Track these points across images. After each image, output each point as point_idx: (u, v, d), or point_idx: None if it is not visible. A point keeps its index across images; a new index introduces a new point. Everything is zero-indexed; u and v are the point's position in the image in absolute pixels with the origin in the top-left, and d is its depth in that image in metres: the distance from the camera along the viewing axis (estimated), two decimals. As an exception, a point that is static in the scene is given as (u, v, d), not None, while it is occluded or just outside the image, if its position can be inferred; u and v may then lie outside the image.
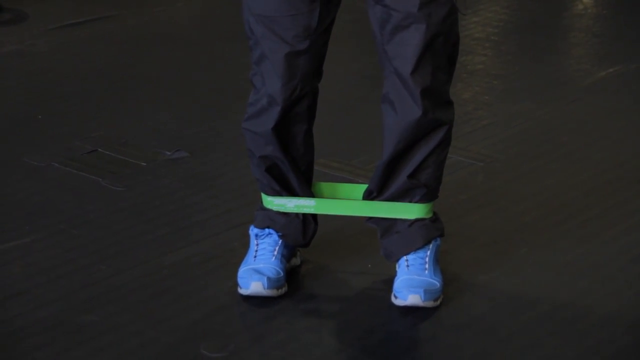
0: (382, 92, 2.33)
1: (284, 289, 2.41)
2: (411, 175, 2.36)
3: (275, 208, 2.43)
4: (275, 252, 2.43)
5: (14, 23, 4.35)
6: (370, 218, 2.45)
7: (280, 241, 2.45)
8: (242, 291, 2.39)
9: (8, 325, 2.28)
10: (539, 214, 2.86)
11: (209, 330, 2.29)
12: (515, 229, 2.78)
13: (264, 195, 2.45)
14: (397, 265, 2.45)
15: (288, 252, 2.47)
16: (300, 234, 2.47)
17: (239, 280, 2.40)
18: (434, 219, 2.45)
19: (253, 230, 2.48)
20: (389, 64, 2.29)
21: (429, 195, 2.40)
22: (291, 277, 2.49)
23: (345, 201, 2.45)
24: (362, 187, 2.47)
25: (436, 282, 2.40)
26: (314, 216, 2.49)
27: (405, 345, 2.27)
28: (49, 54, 4.02)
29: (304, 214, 2.45)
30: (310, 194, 2.45)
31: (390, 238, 2.43)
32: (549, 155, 3.24)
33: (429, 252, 2.43)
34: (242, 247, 2.62)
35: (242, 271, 2.41)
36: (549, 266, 2.60)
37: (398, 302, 2.37)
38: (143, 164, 3.09)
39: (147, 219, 2.76)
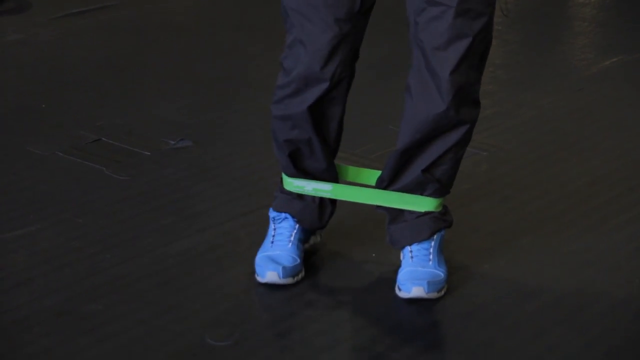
0: (407, 80, 2.30)
1: (301, 275, 2.42)
2: (426, 170, 2.35)
3: (294, 190, 2.44)
4: (292, 238, 2.44)
5: (18, 12, 4.34)
6: (380, 205, 2.45)
7: (297, 226, 2.45)
8: (259, 279, 2.40)
9: (13, 313, 2.29)
10: (544, 203, 2.86)
11: (214, 319, 2.29)
12: (519, 218, 2.78)
13: (284, 176, 2.45)
14: (401, 255, 2.45)
15: (305, 235, 2.48)
16: (316, 218, 2.47)
17: (256, 268, 2.41)
18: (444, 212, 2.44)
19: (271, 213, 2.49)
20: (422, 55, 2.26)
21: (441, 190, 2.39)
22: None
23: (360, 188, 2.44)
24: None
25: (440, 273, 2.40)
26: (332, 200, 2.49)
27: (409, 334, 2.27)
28: (52, 43, 4.02)
29: (321, 198, 2.46)
30: (336, 176, 2.45)
31: (397, 226, 2.43)
32: (553, 145, 3.24)
33: (433, 243, 2.43)
34: (247, 236, 2.63)
35: (259, 258, 2.42)
36: (554, 255, 2.60)
37: (402, 294, 2.37)
38: (147, 153, 3.09)
39: (152, 208, 2.76)
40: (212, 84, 3.65)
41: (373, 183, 2.48)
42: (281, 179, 2.48)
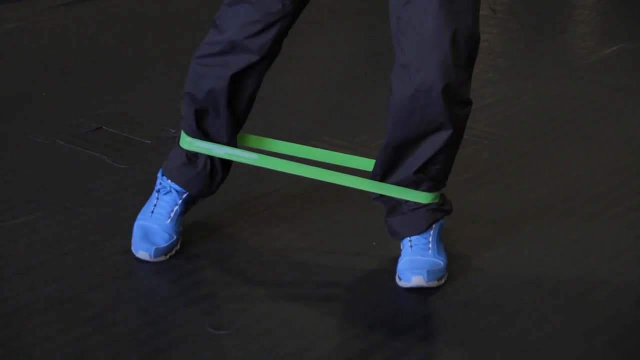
0: (391, 83, 2.26)
1: (176, 249, 2.46)
2: (418, 171, 2.32)
3: (193, 149, 2.42)
4: (172, 214, 2.47)
5: (18, 0, 4.33)
6: (379, 197, 2.44)
7: (179, 200, 2.47)
8: (133, 250, 2.44)
9: (14, 302, 2.29)
10: (544, 191, 2.86)
11: (215, 308, 2.29)
12: (520, 206, 2.78)
13: (183, 134, 2.44)
14: (401, 245, 2.45)
15: (188, 205, 2.50)
16: (206, 185, 2.48)
17: (133, 238, 2.45)
18: (441, 202, 2.43)
19: (159, 178, 2.50)
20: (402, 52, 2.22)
21: (436, 186, 2.38)
22: (296, 255, 2.49)
23: (291, 163, 2.44)
24: (286, 145, 2.49)
25: (440, 261, 2.40)
26: (225, 166, 2.49)
27: (410, 323, 2.27)
28: (52, 31, 4.01)
29: (212, 167, 2.46)
30: (234, 141, 2.44)
31: (395, 218, 2.43)
32: (554, 133, 3.24)
33: (432, 232, 2.42)
34: (247, 225, 2.62)
35: (136, 226, 2.46)
36: (555, 243, 2.60)
37: (402, 283, 2.37)
38: (148, 141, 3.09)
39: (152, 196, 2.76)
40: (212, 72, 3.65)
41: (279, 150, 2.48)
42: (179, 137, 2.46)
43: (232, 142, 2.43)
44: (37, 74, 3.59)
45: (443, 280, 2.39)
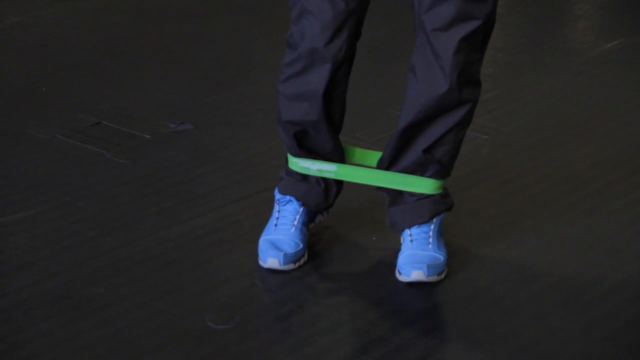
0: (412, 60, 2.29)
1: (303, 260, 2.43)
2: (427, 150, 2.34)
3: (299, 170, 2.43)
4: (296, 222, 2.44)
5: (17, -5, 4.33)
6: (381, 187, 2.45)
7: (301, 209, 2.45)
8: (261, 264, 2.41)
9: (14, 296, 2.29)
10: (544, 186, 2.86)
11: (215, 302, 2.30)
12: (520, 201, 2.78)
13: (289, 156, 2.44)
14: (401, 238, 2.45)
15: (310, 217, 2.48)
16: (321, 199, 2.47)
17: (259, 252, 2.42)
18: (444, 194, 2.44)
19: (276, 195, 2.49)
20: (425, 36, 2.26)
21: (442, 172, 2.39)
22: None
23: (363, 169, 2.44)
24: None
25: (440, 256, 2.40)
26: (338, 180, 2.48)
27: (410, 318, 2.28)
28: (53, 26, 4.01)
29: (325, 182, 2.46)
30: (343, 156, 2.44)
31: (397, 208, 2.43)
32: (554, 128, 3.24)
33: (432, 226, 2.42)
34: (247, 220, 2.63)
35: (262, 241, 2.43)
36: (555, 238, 2.60)
37: (402, 278, 2.37)
38: (148, 136, 3.09)
39: (152, 191, 2.76)
40: (212, 67, 3.65)
41: (367, 163, 2.48)
42: (286, 158, 2.47)
43: (338, 152, 2.42)
44: (37, 69, 3.59)
45: (443, 275, 2.40)
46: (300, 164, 2.43)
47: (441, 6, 2.21)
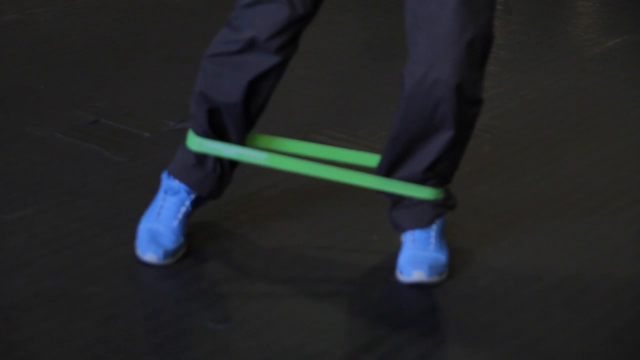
0: (402, 72, 2.23)
1: (182, 252, 2.42)
2: (427, 170, 2.31)
3: (203, 150, 2.38)
4: (179, 215, 2.43)
5: (16, -8, 4.32)
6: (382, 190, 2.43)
7: (187, 201, 2.43)
8: (138, 253, 2.39)
9: (13, 295, 2.28)
10: (546, 184, 2.85)
11: (214, 302, 2.28)
12: (522, 200, 2.77)
13: (191, 135, 2.39)
14: (402, 238, 2.44)
15: (194, 208, 2.46)
16: (215, 189, 2.44)
17: (138, 240, 2.39)
18: (447, 196, 2.41)
19: (166, 179, 2.45)
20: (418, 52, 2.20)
21: (443, 182, 2.36)
22: (296, 249, 2.48)
23: (305, 162, 2.39)
24: (296, 144, 2.46)
25: (441, 257, 2.39)
26: (231, 169, 2.45)
27: (411, 317, 2.27)
28: (50, 23, 4.00)
29: (222, 169, 2.42)
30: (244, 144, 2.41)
31: (399, 211, 2.42)
32: (557, 126, 3.23)
33: (434, 227, 2.41)
34: (247, 219, 2.62)
35: (142, 228, 2.41)
36: (556, 237, 2.59)
37: (403, 278, 2.36)
38: (146, 134, 3.08)
39: (151, 189, 2.75)
40: (212, 64, 3.64)
41: (284, 149, 2.45)
42: (186, 137, 2.42)
43: (242, 142, 2.40)
44: (35, 67, 3.58)
45: (444, 276, 2.38)
46: (206, 144, 2.36)
47: (440, 12, 2.15)
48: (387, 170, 2.35)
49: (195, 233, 2.54)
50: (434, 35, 2.16)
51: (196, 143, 2.37)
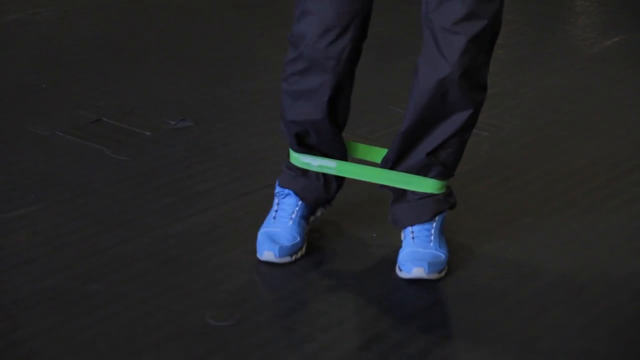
0: (416, 61, 2.27)
1: (301, 253, 2.43)
2: (431, 153, 2.33)
3: (300, 165, 2.43)
4: (294, 216, 2.44)
5: (17, -8, 4.33)
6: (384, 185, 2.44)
7: (299, 203, 2.45)
8: (258, 256, 2.41)
9: (14, 293, 2.29)
10: (545, 183, 2.86)
11: (215, 299, 2.29)
12: (520, 198, 2.78)
13: (290, 151, 2.44)
14: (402, 235, 2.45)
15: (309, 211, 2.48)
16: (321, 194, 2.46)
17: (257, 245, 2.43)
18: (447, 193, 2.43)
19: (276, 188, 2.50)
20: (432, 36, 2.23)
21: (445, 173, 2.38)
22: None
23: (364, 166, 2.43)
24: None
25: (441, 254, 2.40)
26: (339, 177, 2.48)
27: (410, 314, 2.27)
28: (52, 23, 4.01)
29: (325, 176, 2.45)
30: (345, 153, 2.44)
31: (400, 206, 2.43)
32: (555, 125, 3.23)
33: (434, 224, 2.42)
34: (247, 216, 2.62)
35: (260, 234, 2.43)
36: (555, 235, 2.60)
37: (402, 274, 2.37)
38: (148, 133, 3.08)
39: (152, 188, 2.76)
40: (212, 64, 3.65)
41: (368, 159, 2.48)
42: (288, 153, 2.47)
43: (340, 152, 2.42)
44: (36, 66, 3.58)
45: (443, 273, 2.39)
46: (301, 160, 2.42)
47: (449, 3, 2.20)
48: (393, 161, 2.37)
49: (195, 232, 2.55)
50: (445, 24, 2.20)
51: (294, 159, 2.43)
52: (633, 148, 3.08)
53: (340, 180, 2.49)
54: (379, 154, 2.49)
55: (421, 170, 2.37)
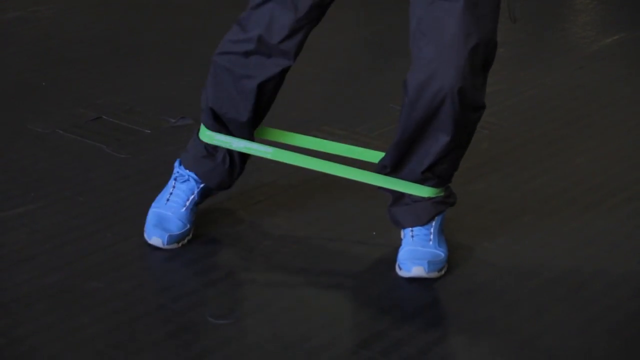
0: (406, 77, 2.24)
1: (188, 239, 2.45)
2: (425, 171, 2.32)
3: (214, 143, 2.42)
4: (188, 203, 2.46)
5: (17, -11, 4.32)
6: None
7: (196, 190, 2.47)
8: (146, 237, 2.44)
9: (15, 291, 2.29)
10: (544, 181, 2.86)
11: (215, 297, 2.29)
12: (520, 196, 2.78)
13: (202, 128, 2.43)
14: (402, 234, 2.45)
15: (203, 197, 2.50)
16: (225, 178, 2.48)
17: (146, 224, 2.44)
18: (447, 194, 2.42)
19: (176, 167, 2.50)
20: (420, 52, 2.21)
21: (441, 183, 2.38)
22: (296, 244, 2.49)
23: (301, 155, 2.43)
24: (303, 138, 2.50)
25: (440, 253, 2.40)
26: (243, 160, 2.49)
27: (410, 313, 2.27)
28: (52, 20, 4.01)
29: (231, 161, 2.45)
30: (252, 137, 2.44)
31: (398, 208, 2.42)
32: (555, 123, 3.23)
33: (434, 223, 2.42)
34: (247, 215, 2.62)
35: (151, 213, 2.46)
36: (555, 233, 2.60)
37: (402, 273, 2.37)
38: (147, 131, 3.08)
39: (152, 186, 2.76)
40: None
41: (288, 142, 2.48)
42: (198, 129, 2.45)
43: (251, 137, 2.43)
44: (37, 63, 3.58)
45: (443, 272, 2.39)
46: (217, 138, 2.41)
47: (445, 18, 2.15)
48: (391, 168, 2.37)
49: (195, 229, 2.55)
50: (437, 42, 2.17)
51: (207, 135, 2.43)
52: (633, 146, 3.08)
53: (243, 165, 2.49)
54: (287, 137, 2.50)
55: (417, 182, 2.36)
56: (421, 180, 2.35)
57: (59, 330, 2.16)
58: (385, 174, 2.38)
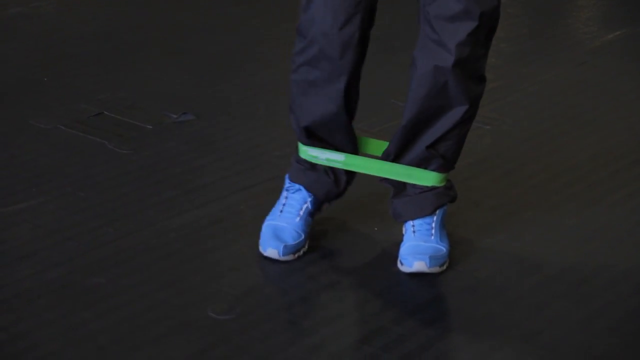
0: (412, 54, 2.27)
1: (303, 250, 2.42)
2: (430, 146, 2.34)
3: (308, 158, 2.42)
4: (301, 212, 2.44)
5: (19, -15, 4.33)
6: (385, 178, 2.44)
7: (309, 199, 2.45)
8: (261, 250, 2.41)
9: (17, 286, 2.29)
10: (546, 176, 2.86)
11: (216, 293, 2.30)
12: (521, 191, 2.78)
13: (299, 144, 2.43)
14: (403, 229, 2.45)
15: (316, 207, 2.47)
16: (331, 188, 2.45)
17: (261, 237, 2.42)
18: (448, 186, 2.43)
19: (286, 181, 2.48)
20: (430, 27, 2.24)
21: (445, 166, 2.38)
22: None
23: (370, 160, 2.41)
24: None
25: (442, 248, 2.40)
26: (348, 171, 2.46)
27: (411, 308, 2.28)
28: (54, 16, 4.01)
29: (334, 172, 2.44)
30: (356, 147, 2.42)
31: (400, 200, 2.43)
32: (557, 118, 3.23)
33: (435, 218, 2.42)
34: (248, 210, 2.63)
35: (265, 227, 2.43)
36: (556, 229, 2.60)
37: (404, 268, 2.37)
38: (149, 126, 3.09)
39: (154, 181, 2.77)
40: (214, 57, 3.65)
41: (379, 154, 2.47)
42: (297, 146, 2.46)
43: (350, 143, 2.40)
44: (38, 59, 3.58)
45: (445, 267, 2.40)
46: (309, 153, 2.41)
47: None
48: (395, 154, 2.37)
49: (197, 226, 2.55)
50: (442, 17, 2.21)
51: (303, 152, 2.42)
52: (634, 142, 3.08)
53: (350, 173, 2.47)
54: (377, 146, 2.48)
55: (421, 163, 2.37)
56: (425, 160, 2.35)
57: (61, 325, 2.17)
58: (390, 161, 2.39)
